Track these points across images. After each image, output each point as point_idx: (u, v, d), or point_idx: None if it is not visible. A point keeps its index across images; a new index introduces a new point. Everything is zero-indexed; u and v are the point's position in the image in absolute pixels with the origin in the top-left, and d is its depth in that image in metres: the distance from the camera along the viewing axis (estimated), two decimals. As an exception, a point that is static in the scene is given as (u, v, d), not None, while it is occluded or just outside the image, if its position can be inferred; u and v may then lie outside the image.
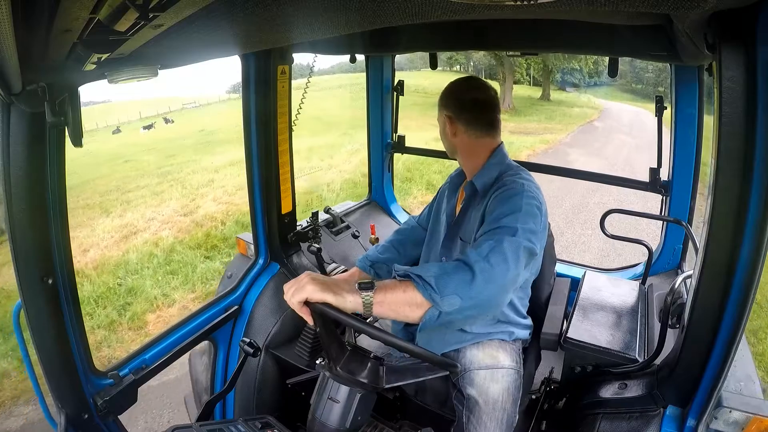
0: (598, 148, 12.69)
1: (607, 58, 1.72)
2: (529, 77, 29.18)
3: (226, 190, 7.98)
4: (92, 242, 5.93)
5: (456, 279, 0.94)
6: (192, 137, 18.19)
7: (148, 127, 24.56)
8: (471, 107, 1.27)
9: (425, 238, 1.52)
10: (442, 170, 8.09)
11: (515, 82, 27.52)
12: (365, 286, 0.93)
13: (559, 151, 11.85)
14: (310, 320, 0.96)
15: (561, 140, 13.96)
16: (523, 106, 22.32)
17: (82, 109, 0.90)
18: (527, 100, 25.11)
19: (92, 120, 28.96)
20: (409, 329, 1.55)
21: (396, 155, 2.53)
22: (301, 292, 0.92)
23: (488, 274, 0.95)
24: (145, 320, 3.94)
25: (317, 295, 0.91)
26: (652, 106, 1.80)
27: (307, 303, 0.94)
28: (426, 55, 2.05)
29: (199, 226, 6.10)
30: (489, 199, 1.19)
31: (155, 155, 14.28)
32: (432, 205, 1.59)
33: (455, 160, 1.42)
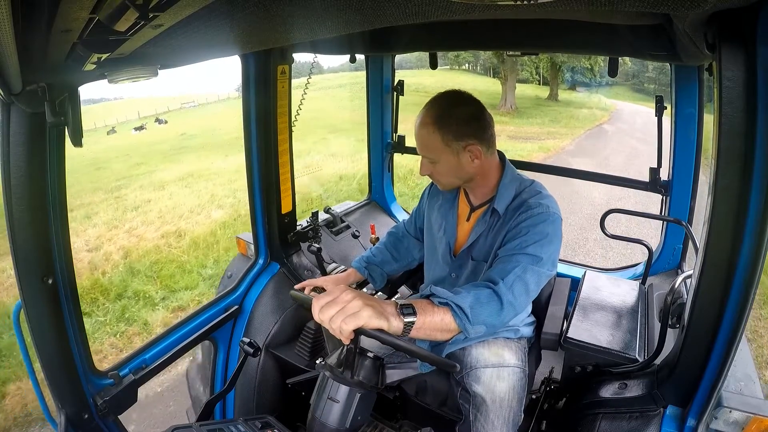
0: (607, 157, 11.10)
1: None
2: (539, 76, 27.41)
3: (148, 218, 6.97)
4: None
5: (487, 310, 0.99)
6: (170, 141, 17.51)
7: (139, 128, 24.39)
8: (488, 124, 1.18)
9: (424, 252, 1.50)
10: (404, 192, 7.13)
11: (523, 81, 26.24)
12: (408, 312, 0.91)
13: (559, 161, 10.37)
14: (347, 341, 0.89)
15: (564, 147, 12.42)
16: (527, 107, 20.79)
17: (83, 108, 0.90)
18: (533, 100, 23.55)
19: (91, 120, 28.82)
20: None
21: (355, 171, 2.49)
22: (356, 319, 0.84)
23: (512, 305, 1.02)
24: (4, 392, 3.00)
25: (374, 322, 0.85)
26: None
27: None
28: None
29: (92, 269, 4.90)
30: (513, 221, 1.16)
31: (125, 162, 13.45)
32: (419, 215, 1.56)
33: (458, 187, 1.31)
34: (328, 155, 10.44)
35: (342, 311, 0.84)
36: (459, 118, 1.14)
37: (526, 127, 16.14)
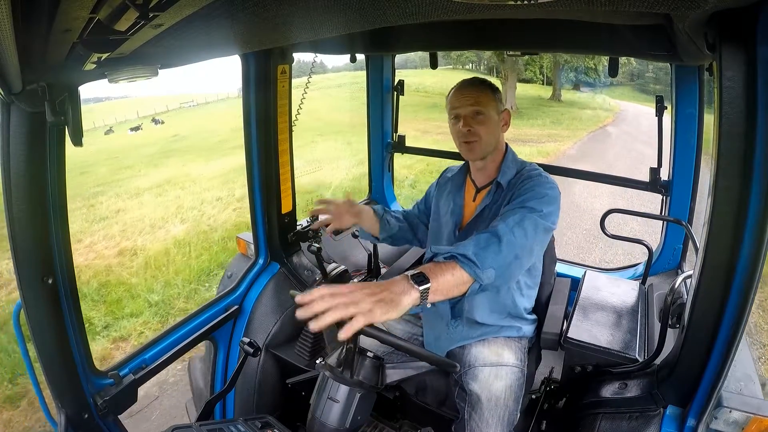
0: (611, 163, 10.17)
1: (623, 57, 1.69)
2: (543, 76, 26.45)
3: (111, 231, 6.42)
4: None
5: (490, 251, 1.01)
6: (161, 143, 16.95)
7: (135, 128, 24.05)
8: None
9: (427, 236, 1.51)
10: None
11: (527, 81, 25.50)
12: (419, 280, 0.88)
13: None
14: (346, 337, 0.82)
15: (565, 151, 11.48)
16: (528, 108, 19.68)
17: (86, 107, 0.89)
18: (535, 100, 22.40)
19: (92, 119, 28.63)
20: (414, 330, 1.55)
21: (330, 181, 2.43)
22: (369, 316, 0.79)
23: (512, 245, 1.04)
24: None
25: (385, 316, 0.81)
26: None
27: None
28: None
29: (11, 303, 4.01)
30: (514, 190, 1.26)
31: (111, 166, 12.83)
32: (424, 203, 1.58)
33: (479, 160, 1.35)
34: (307, 162, 9.74)
35: (351, 304, 0.79)
36: (495, 88, 1.32)
37: (525, 128, 15.06)
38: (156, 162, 13.04)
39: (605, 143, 12.95)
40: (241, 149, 1.69)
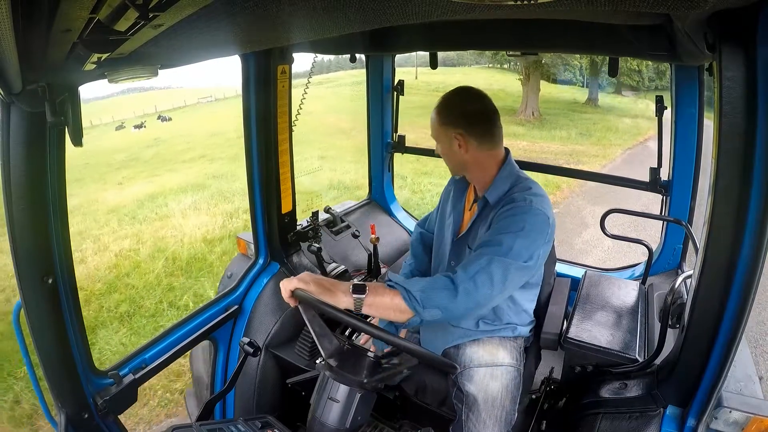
0: (646, 206, 5.04)
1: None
2: (582, 78, 23.26)
3: None
4: None
5: (441, 295, 1.05)
6: (134, 148, 15.24)
7: (139, 126, 23.68)
8: (481, 120, 1.25)
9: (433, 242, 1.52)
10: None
11: (567, 83, 23.17)
12: (358, 289, 1.03)
13: (569, 213, 6.08)
14: (290, 302, 1.05)
15: (583, 183, 7.17)
16: (555, 114, 15.74)
17: (111, 99, 0.89)
18: (567, 105, 18.50)
19: (110, 114, 27.72)
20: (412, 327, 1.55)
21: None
22: (300, 283, 1.03)
23: (470, 294, 1.05)
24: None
25: (317, 294, 1.01)
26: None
27: (296, 295, 1.04)
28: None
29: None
30: (496, 212, 1.20)
31: (73, 175, 10.04)
32: (438, 208, 1.58)
33: (459, 176, 1.39)
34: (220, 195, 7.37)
35: (292, 278, 1.05)
36: (454, 109, 1.27)
37: (543, 142, 11.81)
38: (107, 176, 11.23)
39: (645, 167, 6.82)
40: (190, 163, 1.64)
